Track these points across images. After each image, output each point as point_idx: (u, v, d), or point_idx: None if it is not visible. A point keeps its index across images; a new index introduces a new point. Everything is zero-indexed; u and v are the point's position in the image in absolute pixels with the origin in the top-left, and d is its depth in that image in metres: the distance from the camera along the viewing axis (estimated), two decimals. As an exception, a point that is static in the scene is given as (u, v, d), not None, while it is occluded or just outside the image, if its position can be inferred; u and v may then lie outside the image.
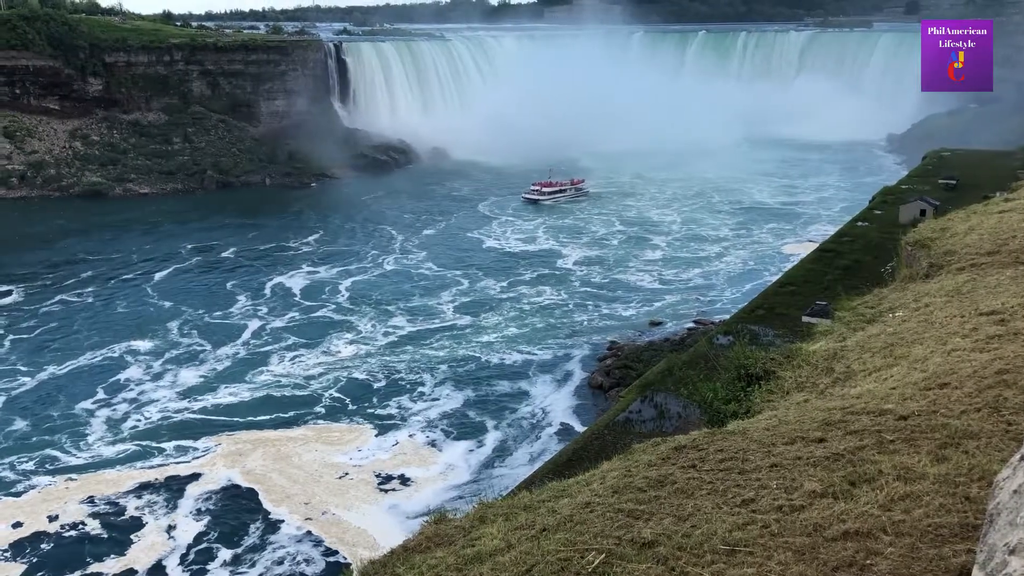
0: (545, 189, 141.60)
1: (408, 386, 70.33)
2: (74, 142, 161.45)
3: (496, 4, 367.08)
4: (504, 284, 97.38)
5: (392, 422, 64.12)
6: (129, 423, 63.92)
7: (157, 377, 72.17)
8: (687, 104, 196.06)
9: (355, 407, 66.50)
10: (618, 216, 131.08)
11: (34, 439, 61.43)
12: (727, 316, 71.65)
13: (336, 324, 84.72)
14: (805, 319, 48.18)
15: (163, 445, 60.44)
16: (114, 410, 66.08)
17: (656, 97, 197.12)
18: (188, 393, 69.04)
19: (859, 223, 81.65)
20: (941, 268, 26.80)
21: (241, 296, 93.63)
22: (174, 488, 55.22)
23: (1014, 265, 24.35)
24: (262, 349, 78.31)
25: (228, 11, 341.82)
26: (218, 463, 58.15)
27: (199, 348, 78.58)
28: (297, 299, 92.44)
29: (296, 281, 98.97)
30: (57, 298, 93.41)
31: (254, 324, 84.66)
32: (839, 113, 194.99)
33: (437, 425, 63.69)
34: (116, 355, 77.12)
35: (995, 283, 22.83)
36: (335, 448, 60.22)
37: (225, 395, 68.70)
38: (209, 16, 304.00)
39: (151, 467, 57.69)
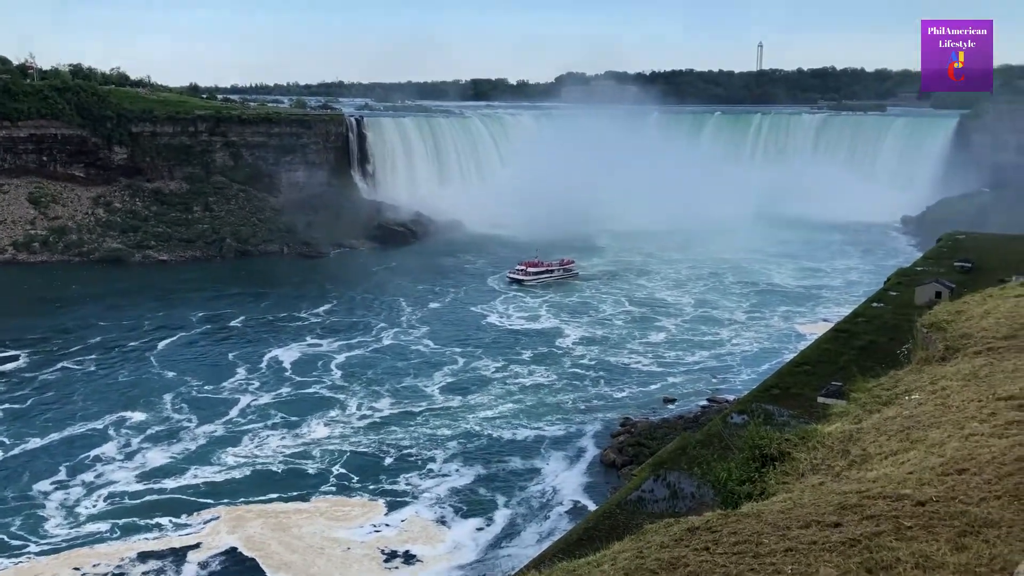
0: (530, 269, 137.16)
1: (419, 462, 69.40)
2: (97, 209, 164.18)
3: (514, 83, 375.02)
4: (500, 363, 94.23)
5: (401, 498, 63.16)
6: (110, 500, 62.57)
7: (135, 454, 70.19)
8: (702, 184, 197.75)
9: (361, 483, 65.50)
10: (627, 296, 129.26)
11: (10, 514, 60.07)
12: (741, 394, 71.00)
13: (326, 402, 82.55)
14: (820, 400, 47.73)
15: (157, 520, 59.29)
16: (96, 486, 64.67)
17: (672, 176, 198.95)
18: (171, 470, 67.22)
19: (874, 304, 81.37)
20: (957, 351, 26.59)
21: (240, 368, 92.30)
22: (177, 556, 54.46)
23: (1032, 350, 24.11)
24: (250, 426, 76.48)
25: (253, 85, 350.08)
26: (221, 531, 57.42)
27: (188, 423, 76.90)
28: (289, 374, 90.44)
29: (292, 354, 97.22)
30: (60, 365, 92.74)
31: (246, 399, 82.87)
32: (853, 194, 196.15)
33: (446, 502, 62.75)
34: (102, 427, 75.70)
35: (1013, 367, 22.58)
36: (339, 523, 59.31)
37: (209, 473, 67.04)
38: (235, 89, 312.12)
39: (149, 539, 56.87)
